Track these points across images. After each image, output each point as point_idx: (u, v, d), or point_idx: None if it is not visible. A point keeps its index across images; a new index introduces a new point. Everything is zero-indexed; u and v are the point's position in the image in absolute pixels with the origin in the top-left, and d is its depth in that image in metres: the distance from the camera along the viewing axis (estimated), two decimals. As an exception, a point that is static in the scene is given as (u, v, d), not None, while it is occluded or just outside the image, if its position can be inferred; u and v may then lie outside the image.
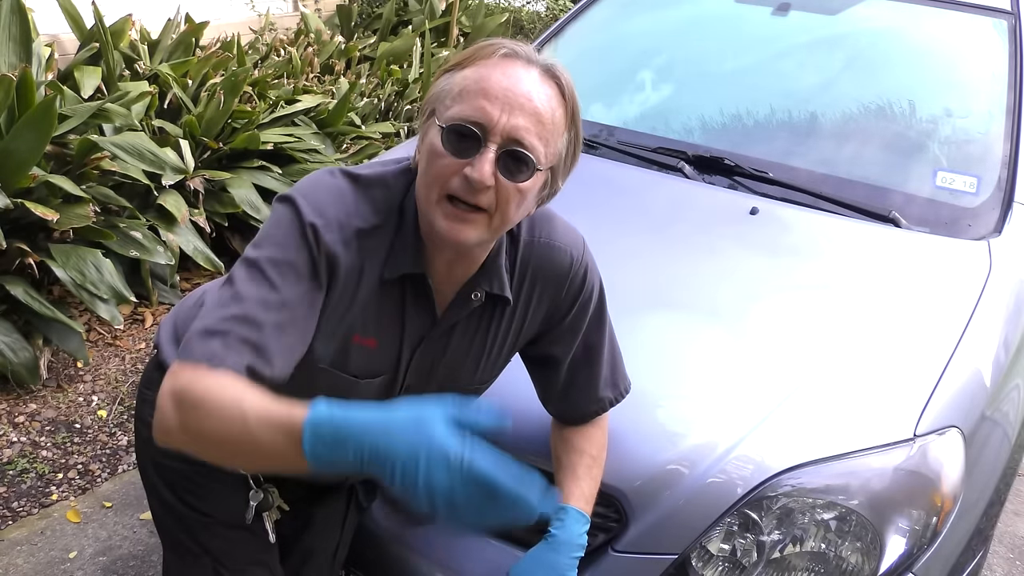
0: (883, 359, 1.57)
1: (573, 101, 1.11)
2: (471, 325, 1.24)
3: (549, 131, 1.07)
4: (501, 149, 1.04)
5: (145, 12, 4.11)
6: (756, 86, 2.39)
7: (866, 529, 1.36)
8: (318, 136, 3.94)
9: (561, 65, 1.10)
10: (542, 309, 1.28)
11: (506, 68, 1.06)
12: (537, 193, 1.12)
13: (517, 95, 1.04)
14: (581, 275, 1.28)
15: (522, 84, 1.05)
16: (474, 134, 1.04)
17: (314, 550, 1.49)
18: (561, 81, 1.09)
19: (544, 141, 1.06)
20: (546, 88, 1.07)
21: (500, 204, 1.06)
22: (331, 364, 1.19)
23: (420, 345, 1.22)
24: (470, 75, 1.07)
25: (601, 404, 1.38)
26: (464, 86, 1.06)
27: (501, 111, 1.03)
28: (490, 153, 1.03)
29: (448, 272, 1.17)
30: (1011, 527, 2.60)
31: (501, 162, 1.04)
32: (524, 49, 1.09)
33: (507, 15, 6.53)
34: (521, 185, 1.06)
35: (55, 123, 2.67)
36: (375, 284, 1.15)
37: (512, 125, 1.03)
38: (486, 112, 1.03)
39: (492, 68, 1.06)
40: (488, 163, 1.03)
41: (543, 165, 1.08)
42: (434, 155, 1.07)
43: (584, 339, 1.33)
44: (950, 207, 1.97)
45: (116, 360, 3.02)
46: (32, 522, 2.31)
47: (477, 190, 1.04)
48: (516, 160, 1.05)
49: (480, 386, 1.35)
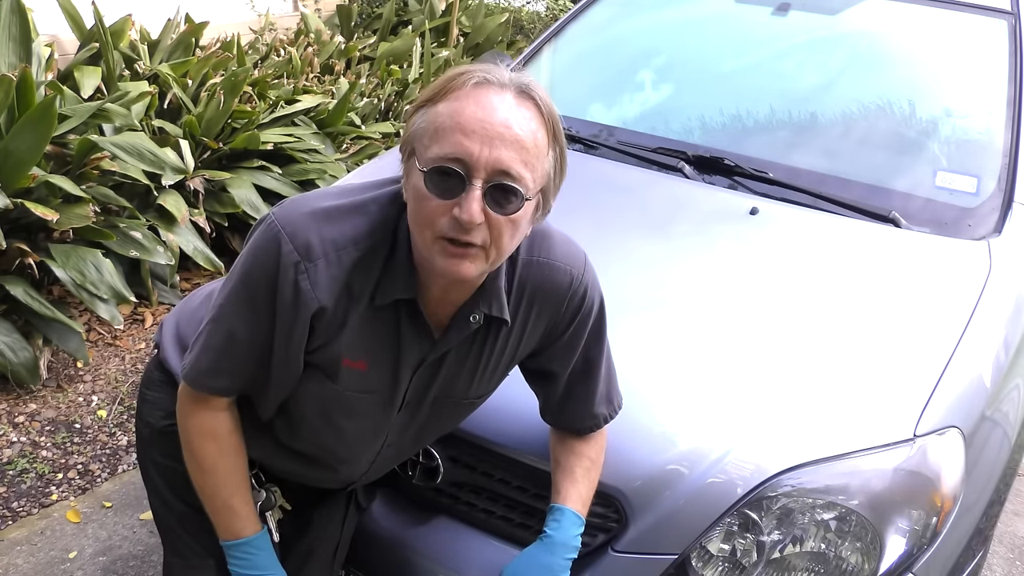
0: (883, 359, 1.57)
1: (552, 118, 1.07)
2: (469, 344, 1.24)
3: (533, 156, 1.04)
4: (487, 184, 1.01)
5: (145, 12, 4.11)
6: (756, 86, 2.39)
7: (866, 529, 1.36)
8: (318, 136, 3.94)
9: (535, 82, 1.07)
10: (540, 327, 1.27)
11: (479, 98, 1.02)
12: (531, 218, 1.10)
13: (495, 125, 1.01)
14: (581, 293, 1.26)
15: (498, 113, 1.02)
16: (457, 173, 1.01)
17: (314, 550, 1.49)
18: (537, 100, 1.05)
19: (530, 167, 1.04)
20: (523, 111, 1.04)
21: (494, 238, 1.04)
22: (321, 380, 1.20)
23: (420, 367, 1.22)
24: (443, 110, 1.03)
25: (596, 420, 1.37)
26: (439, 123, 1.03)
27: (481, 145, 1.00)
28: (476, 191, 1.01)
29: (443, 296, 1.17)
30: (1011, 527, 2.60)
31: (489, 197, 1.02)
32: (495, 73, 1.05)
33: (507, 15, 6.52)
34: (513, 217, 1.04)
35: (55, 123, 2.67)
36: (366, 309, 1.14)
37: (495, 158, 1.01)
38: (465, 148, 1.00)
39: (465, 100, 1.03)
40: (475, 201, 1.01)
41: (532, 192, 1.05)
42: (420, 198, 1.04)
43: (583, 354, 1.32)
44: (950, 207, 1.97)
45: (116, 360, 3.02)
46: (32, 522, 2.31)
47: (468, 229, 1.02)
48: (504, 192, 1.02)
49: (477, 399, 1.35)
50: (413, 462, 1.54)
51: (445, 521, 1.54)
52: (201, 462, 1.25)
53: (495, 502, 1.51)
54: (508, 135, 1.01)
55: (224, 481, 1.26)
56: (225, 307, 1.17)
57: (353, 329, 1.15)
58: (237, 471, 1.27)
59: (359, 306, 1.14)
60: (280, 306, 1.11)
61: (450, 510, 1.55)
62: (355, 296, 1.13)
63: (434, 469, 1.52)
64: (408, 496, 1.59)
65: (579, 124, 2.32)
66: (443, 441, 1.49)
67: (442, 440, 1.49)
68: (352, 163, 4.00)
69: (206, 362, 1.19)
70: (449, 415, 1.36)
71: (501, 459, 1.49)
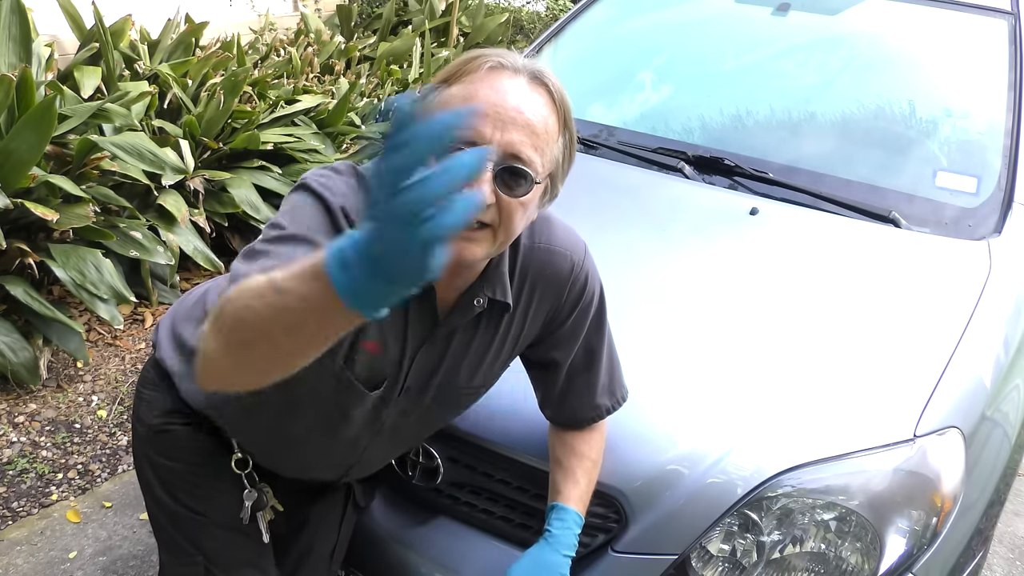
0: (883, 359, 1.57)
1: (564, 105, 1.09)
2: (471, 329, 1.24)
3: (544, 140, 1.06)
4: (498, 166, 1.03)
5: (145, 12, 4.11)
6: (756, 86, 2.39)
7: (866, 529, 1.36)
8: (318, 136, 3.94)
9: (548, 69, 1.09)
10: (542, 314, 1.28)
11: (493, 81, 1.04)
12: (539, 202, 1.12)
13: (508, 109, 1.03)
14: (582, 280, 1.27)
15: (511, 97, 1.03)
16: None
17: (311, 550, 1.49)
18: (550, 86, 1.07)
19: (540, 151, 1.05)
20: (536, 96, 1.06)
21: (503, 219, 1.06)
22: (343, 367, 1.17)
23: (421, 348, 1.22)
24: (457, 93, 1.05)
25: (598, 411, 1.38)
26: (452, 105, 1.04)
27: (493, 128, 1.02)
28: (487, 172, 1.02)
29: (450, 279, 1.17)
30: (1011, 527, 2.60)
31: (499, 179, 1.03)
32: (509, 58, 1.07)
33: (507, 15, 6.52)
34: (522, 199, 1.05)
35: (55, 123, 2.67)
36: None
37: (506, 140, 1.02)
38: (478, 131, 1.02)
39: (479, 83, 1.04)
40: (486, 183, 1.02)
41: (541, 176, 1.07)
42: None
43: (584, 344, 1.33)
44: (950, 207, 1.97)
45: (116, 360, 3.02)
46: (32, 522, 2.31)
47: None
48: (514, 175, 1.04)
49: (479, 389, 1.34)
50: (413, 462, 1.54)
51: (445, 521, 1.54)
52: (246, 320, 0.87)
53: (495, 502, 1.51)
54: (520, 119, 1.03)
55: (276, 284, 0.84)
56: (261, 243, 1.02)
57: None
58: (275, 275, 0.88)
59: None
60: (316, 226, 1.03)
61: (450, 510, 1.55)
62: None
63: (434, 469, 1.52)
64: (408, 496, 1.59)
65: (579, 124, 2.27)
66: (443, 441, 1.49)
67: (442, 440, 1.49)
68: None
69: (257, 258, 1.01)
70: (450, 406, 1.35)
71: (501, 459, 1.49)
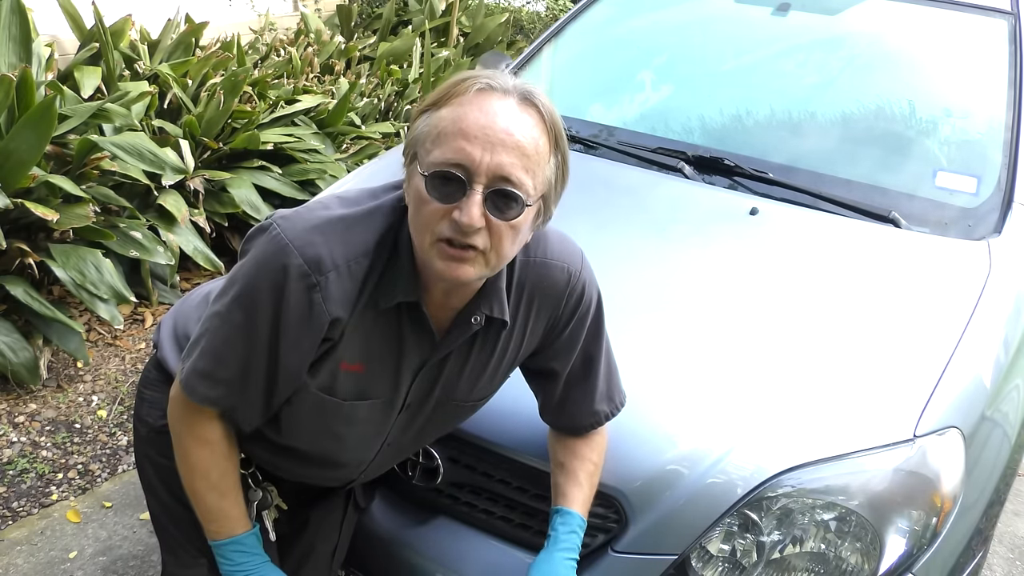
0: (883, 359, 1.57)
1: (555, 125, 1.08)
2: (470, 346, 1.24)
3: (534, 162, 1.05)
4: (488, 189, 1.02)
5: (145, 12, 4.11)
6: (756, 86, 2.39)
7: (866, 529, 1.36)
8: (318, 136, 3.94)
9: (538, 89, 1.08)
10: (540, 326, 1.27)
11: (482, 103, 1.03)
12: (532, 224, 1.11)
13: (497, 131, 1.02)
14: (579, 290, 1.27)
15: (500, 119, 1.02)
16: (458, 178, 1.02)
17: (313, 550, 1.49)
18: (540, 107, 1.06)
19: (531, 173, 1.04)
20: (525, 118, 1.05)
21: (494, 243, 1.05)
22: (319, 388, 1.19)
23: (422, 370, 1.22)
24: (447, 115, 1.04)
25: (596, 418, 1.37)
26: (442, 128, 1.04)
27: (483, 150, 1.01)
28: (476, 195, 1.02)
29: (445, 299, 1.17)
30: (1011, 527, 2.60)
31: (489, 202, 1.03)
32: (499, 79, 1.06)
33: (507, 15, 6.52)
34: (513, 222, 1.05)
35: (55, 123, 2.67)
36: (369, 312, 1.14)
37: (496, 163, 1.01)
38: (467, 153, 1.01)
39: (468, 106, 1.03)
40: (476, 205, 1.01)
41: (532, 198, 1.06)
42: (421, 201, 1.05)
43: (582, 352, 1.33)
44: (950, 207, 1.97)
45: (116, 360, 3.02)
46: (32, 522, 2.31)
47: (468, 233, 1.02)
48: (505, 198, 1.03)
49: (478, 402, 1.35)
50: (413, 463, 1.54)
51: (445, 521, 1.54)
52: (193, 465, 1.24)
53: (495, 503, 1.51)
54: (510, 141, 1.02)
55: (215, 484, 1.24)
56: (223, 314, 1.15)
57: (354, 332, 1.15)
58: (229, 475, 1.26)
59: (361, 310, 1.14)
60: (286, 319, 1.10)
61: (450, 510, 1.55)
62: (360, 302, 1.13)
63: (434, 470, 1.52)
64: (408, 496, 1.59)
65: (579, 124, 2.32)
66: (443, 441, 1.49)
67: (442, 440, 1.49)
68: (352, 163, 4.00)
69: (203, 365, 1.17)
70: (450, 417, 1.36)
71: (501, 460, 1.49)
